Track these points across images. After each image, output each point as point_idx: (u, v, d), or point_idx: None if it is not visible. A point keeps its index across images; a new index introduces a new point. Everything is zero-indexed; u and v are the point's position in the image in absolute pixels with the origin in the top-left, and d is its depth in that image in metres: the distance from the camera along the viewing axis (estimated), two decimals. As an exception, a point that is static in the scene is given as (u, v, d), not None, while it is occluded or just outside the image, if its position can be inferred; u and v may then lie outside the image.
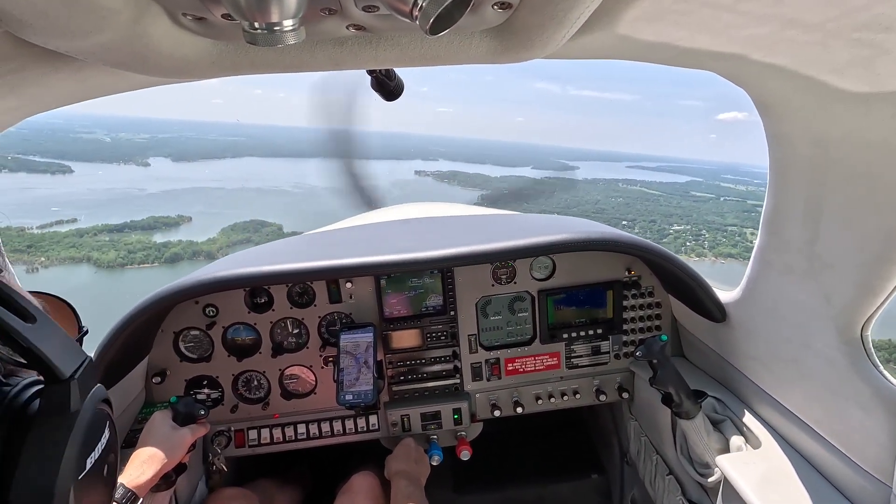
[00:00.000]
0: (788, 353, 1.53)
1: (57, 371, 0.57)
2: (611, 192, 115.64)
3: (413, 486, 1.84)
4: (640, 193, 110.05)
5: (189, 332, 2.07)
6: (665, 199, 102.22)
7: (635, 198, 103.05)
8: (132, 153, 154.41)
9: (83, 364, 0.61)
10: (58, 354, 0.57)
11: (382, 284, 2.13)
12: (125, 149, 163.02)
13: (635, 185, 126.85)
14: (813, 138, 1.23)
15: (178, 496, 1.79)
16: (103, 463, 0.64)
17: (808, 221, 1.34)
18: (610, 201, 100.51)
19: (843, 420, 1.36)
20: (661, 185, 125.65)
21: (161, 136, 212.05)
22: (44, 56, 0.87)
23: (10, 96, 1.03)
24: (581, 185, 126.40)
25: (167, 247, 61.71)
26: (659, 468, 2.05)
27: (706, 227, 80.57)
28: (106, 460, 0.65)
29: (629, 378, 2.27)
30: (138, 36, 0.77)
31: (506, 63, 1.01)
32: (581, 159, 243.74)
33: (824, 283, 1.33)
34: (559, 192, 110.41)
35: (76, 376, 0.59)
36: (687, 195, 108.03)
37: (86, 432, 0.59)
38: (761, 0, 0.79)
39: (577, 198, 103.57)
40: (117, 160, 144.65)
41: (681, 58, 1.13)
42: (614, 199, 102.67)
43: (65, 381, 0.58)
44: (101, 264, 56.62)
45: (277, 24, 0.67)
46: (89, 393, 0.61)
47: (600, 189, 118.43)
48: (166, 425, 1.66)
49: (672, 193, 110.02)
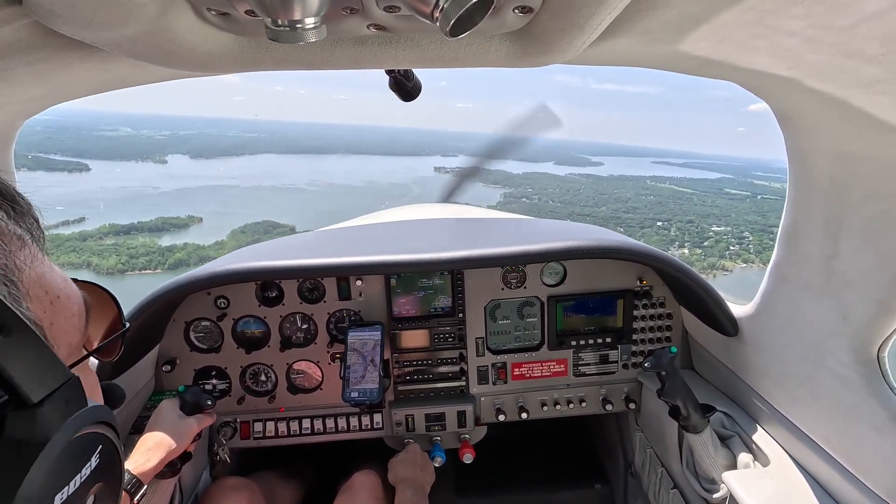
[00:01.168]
0: (801, 371, 1.50)
1: (22, 394, 0.49)
2: (640, 189, 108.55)
3: (418, 495, 1.84)
4: (670, 191, 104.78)
5: (200, 322, 2.09)
6: (699, 198, 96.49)
7: (667, 196, 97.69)
8: (151, 150, 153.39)
9: (61, 386, 0.53)
10: (27, 375, 0.49)
11: (392, 284, 2.13)
12: (145, 146, 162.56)
13: (664, 182, 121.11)
14: (836, 153, 1.21)
15: (182, 484, 1.81)
16: (83, 496, 0.55)
17: (828, 237, 1.31)
18: (641, 199, 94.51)
19: (855, 441, 1.33)
20: (691, 181, 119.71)
21: (182, 132, 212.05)
22: (70, 46, 0.89)
23: (37, 84, 1.05)
24: (607, 182, 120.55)
25: (172, 251, 59.39)
26: (664, 481, 2.02)
27: (748, 229, 74.77)
28: (89, 492, 0.56)
29: (637, 389, 2.25)
30: (163, 29, 0.78)
31: (524, 67, 1.01)
32: (605, 155, 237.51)
33: (842, 301, 1.31)
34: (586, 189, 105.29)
35: (46, 401, 0.50)
36: (721, 193, 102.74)
37: (54, 465, 0.51)
38: (787, 13, 0.78)
39: (606, 195, 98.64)
40: (136, 158, 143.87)
41: (703, 68, 1.12)
42: (645, 197, 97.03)
43: (31, 407, 0.49)
44: (100, 270, 54.42)
45: (300, 21, 0.68)
46: (68, 419, 0.53)
47: (629, 186, 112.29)
48: (173, 414, 1.68)
49: (705, 191, 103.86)
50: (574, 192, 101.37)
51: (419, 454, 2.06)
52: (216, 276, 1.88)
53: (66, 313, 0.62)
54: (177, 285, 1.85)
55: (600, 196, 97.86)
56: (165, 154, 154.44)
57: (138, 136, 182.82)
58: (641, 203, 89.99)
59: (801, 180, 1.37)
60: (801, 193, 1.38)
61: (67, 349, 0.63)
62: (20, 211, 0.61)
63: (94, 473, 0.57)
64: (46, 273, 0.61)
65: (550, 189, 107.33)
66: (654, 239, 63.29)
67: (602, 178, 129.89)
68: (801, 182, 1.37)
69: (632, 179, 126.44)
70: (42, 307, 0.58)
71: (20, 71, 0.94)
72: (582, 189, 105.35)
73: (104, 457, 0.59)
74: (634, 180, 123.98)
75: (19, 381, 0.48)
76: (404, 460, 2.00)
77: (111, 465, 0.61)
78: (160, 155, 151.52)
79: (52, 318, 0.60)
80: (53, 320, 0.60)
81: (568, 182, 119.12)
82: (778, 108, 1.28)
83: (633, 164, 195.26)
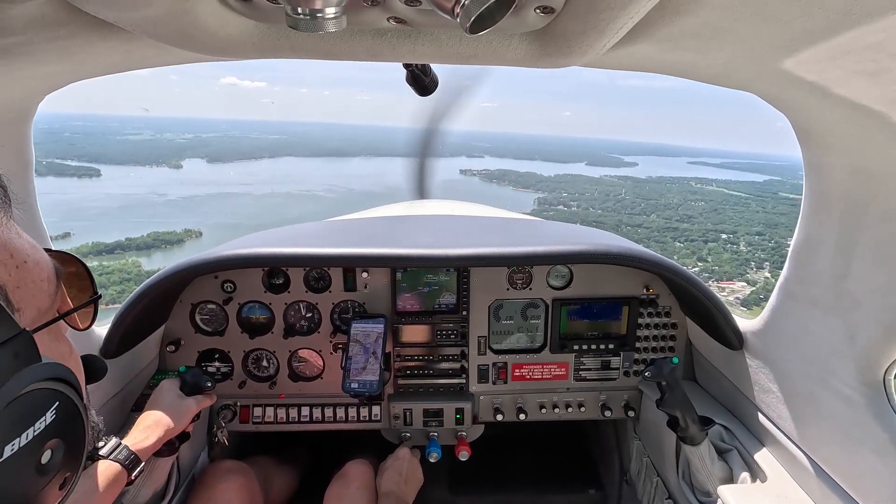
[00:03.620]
0: (804, 389, 1.49)
1: None
2: (686, 193, 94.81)
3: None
4: (721, 195, 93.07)
5: (206, 305, 2.11)
6: (757, 203, 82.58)
7: (720, 201, 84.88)
8: (169, 154, 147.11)
9: (10, 339, 0.55)
10: None
11: (398, 278, 2.14)
12: (165, 149, 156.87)
13: (709, 184, 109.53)
14: (854, 170, 1.19)
15: (180, 464, 1.83)
16: (36, 450, 0.57)
17: (840, 256, 1.30)
18: (691, 206, 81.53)
19: (855, 463, 1.32)
20: (738, 184, 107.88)
21: (205, 135, 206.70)
22: (94, 25, 0.89)
23: (59, 61, 1.07)
24: (648, 185, 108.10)
25: (153, 277, 51.92)
26: (659, 491, 2.01)
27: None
28: (43, 447, 0.58)
29: (636, 396, 2.24)
30: (185, 12, 0.79)
31: (543, 68, 1.01)
32: (636, 154, 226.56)
33: (850, 321, 1.29)
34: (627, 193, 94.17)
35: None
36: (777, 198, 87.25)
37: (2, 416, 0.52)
38: (811, 19, 0.76)
39: (652, 201, 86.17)
40: (151, 162, 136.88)
41: (723, 78, 1.11)
42: (695, 203, 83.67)
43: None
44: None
45: (320, 10, 0.68)
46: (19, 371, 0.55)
47: (673, 190, 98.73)
48: (172, 394, 1.70)
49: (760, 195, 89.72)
50: (615, 198, 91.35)
51: (407, 462, 2.04)
52: (224, 259, 1.89)
53: (34, 278, 0.65)
54: (184, 267, 1.87)
55: (646, 202, 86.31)
56: (183, 158, 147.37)
57: (159, 140, 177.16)
58: (694, 210, 78.28)
59: (816, 197, 1.36)
60: (816, 210, 1.37)
61: (36, 312, 0.64)
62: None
63: (48, 429, 0.58)
64: (14, 239, 0.63)
65: (588, 193, 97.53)
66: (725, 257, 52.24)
67: (641, 179, 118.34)
68: (817, 199, 1.35)
69: (673, 181, 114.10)
70: (6, 270, 0.60)
71: (42, 46, 0.95)
72: (623, 193, 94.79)
73: (61, 414, 0.60)
74: (676, 182, 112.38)
75: None
76: (391, 468, 2.00)
77: (70, 423, 0.62)
78: (177, 159, 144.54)
79: (18, 282, 0.62)
80: (20, 284, 0.62)
81: (605, 185, 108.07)
82: (798, 122, 1.26)
83: (668, 163, 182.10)
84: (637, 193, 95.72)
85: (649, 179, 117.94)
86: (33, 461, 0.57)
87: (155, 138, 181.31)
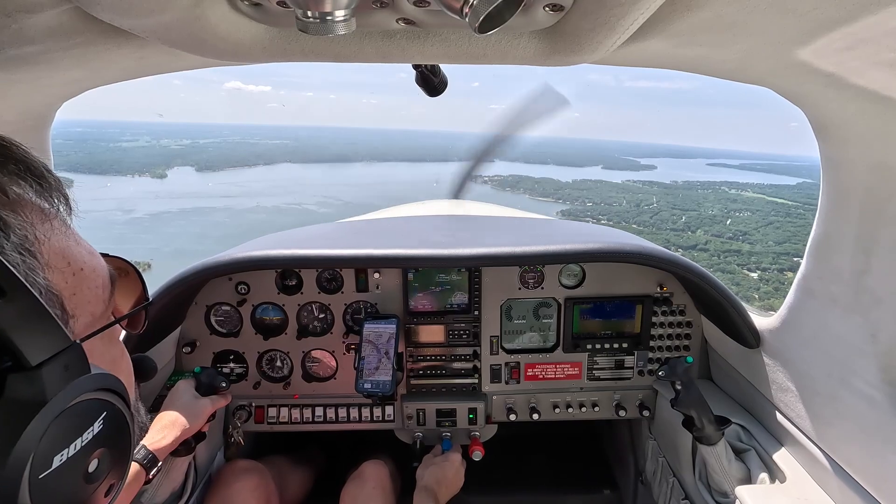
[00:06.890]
0: (825, 388, 1.46)
1: (22, 357, 0.50)
2: (725, 202, 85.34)
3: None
4: (762, 203, 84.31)
5: (220, 307, 2.14)
6: (807, 211, 68.57)
7: (767, 211, 77.63)
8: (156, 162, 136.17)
9: (62, 351, 0.54)
10: (27, 339, 0.50)
11: (410, 278, 2.14)
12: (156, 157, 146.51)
13: (745, 189, 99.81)
14: (873, 165, 1.17)
15: (196, 463, 1.86)
16: (84, 460, 0.57)
17: (860, 252, 1.27)
18: (738, 217, 73.10)
19: (877, 464, 1.29)
20: (773, 188, 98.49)
21: (203, 141, 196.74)
22: (108, 32, 0.91)
23: (75, 68, 1.09)
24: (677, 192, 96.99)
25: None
26: (675, 491, 1.99)
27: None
28: (90, 457, 0.58)
29: (651, 396, 2.22)
30: (197, 18, 0.80)
31: (553, 66, 1.00)
32: (651, 156, 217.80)
33: (871, 319, 1.26)
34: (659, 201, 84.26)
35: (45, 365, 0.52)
36: None
37: (53, 427, 0.52)
38: (828, 8, 0.75)
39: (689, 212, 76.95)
40: (134, 171, 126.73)
41: (738, 72, 1.09)
42: (740, 214, 75.51)
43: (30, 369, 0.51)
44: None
45: (330, 13, 0.69)
46: (69, 383, 0.55)
47: (709, 197, 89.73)
48: (188, 394, 1.73)
49: (807, 203, 78.87)
50: (648, 208, 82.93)
51: (455, 467, 2.04)
52: (238, 262, 1.91)
53: (90, 284, 0.65)
54: (198, 270, 1.90)
55: (685, 213, 77.52)
56: (171, 166, 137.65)
57: (153, 147, 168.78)
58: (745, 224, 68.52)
59: (834, 192, 1.33)
60: (835, 206, 1.34)
61: (91, 318, 0.65)
62: (47, 187, 0.65)
63: (96, 439, 0.58)
64: (71, 246, 0.64)
65: (616, 203, 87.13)
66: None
67: (667, 185, 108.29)
68: (835, 194, 1.33)
69: (703, 186, 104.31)
70: (63, 278, 0.61)
71: (59, 55, 0.98)
72: (655, 202, 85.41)
73: (108, 423, 0.60)
74: (707, 188, 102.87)
75: (19, 344, 0.50)
76: (439, 465, 2.00)
77: (117, 433, 0.62)
78: (164, 168, 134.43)
79: (75, 289, 0.62)
80: (76, 290, 0.62)
81: (629, 191, 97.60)
82: (814, 116, 1.24)
83: (686, 166, 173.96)
84: (669, 202, 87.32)
85: (675, 185, 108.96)
86: (81, 470, 0.57)
87: (150, 145, 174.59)
